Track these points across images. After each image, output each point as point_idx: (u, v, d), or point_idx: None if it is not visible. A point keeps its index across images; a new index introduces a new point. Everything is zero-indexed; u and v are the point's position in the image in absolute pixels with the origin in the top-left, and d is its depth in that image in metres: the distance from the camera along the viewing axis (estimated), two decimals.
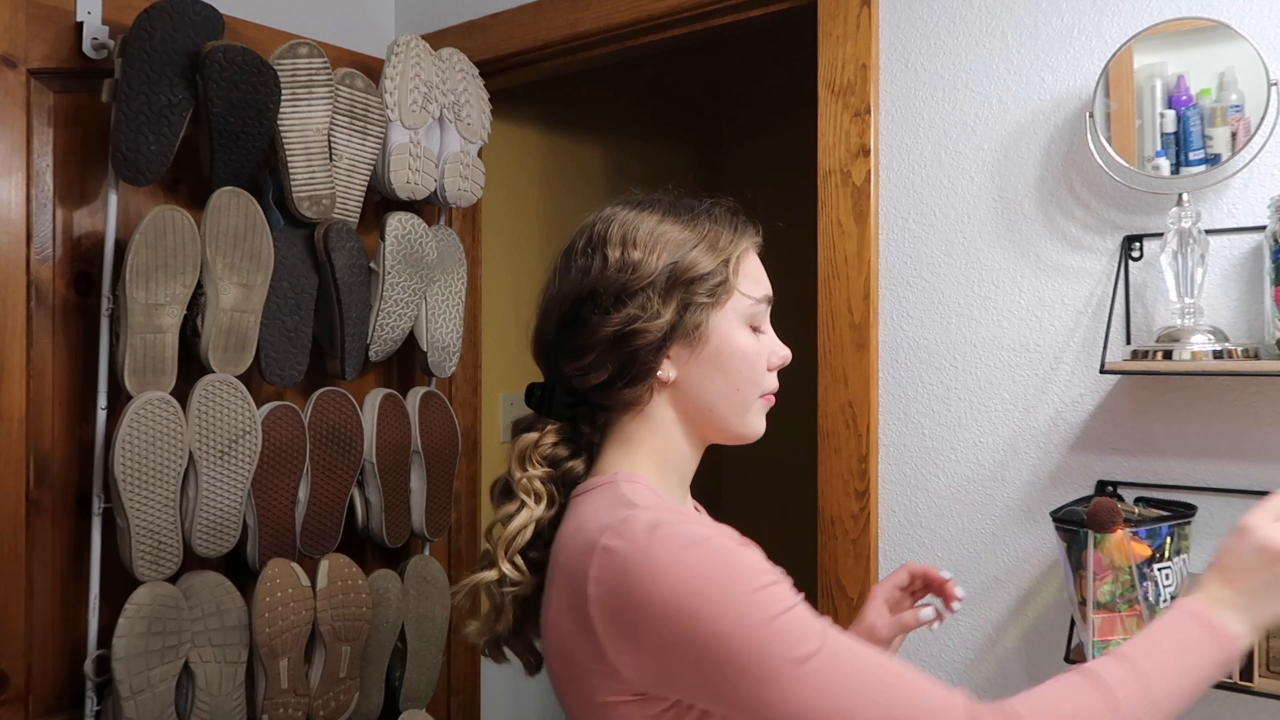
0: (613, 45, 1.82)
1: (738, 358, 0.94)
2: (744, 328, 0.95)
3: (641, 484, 0.92)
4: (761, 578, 0.80)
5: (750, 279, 0.96)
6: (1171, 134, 1.20)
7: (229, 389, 1.53)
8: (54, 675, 1.50)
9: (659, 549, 0.80)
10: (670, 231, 0.95)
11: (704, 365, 0.94)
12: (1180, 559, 1.17)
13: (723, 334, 0.94)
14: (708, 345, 0.93)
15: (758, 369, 0.95)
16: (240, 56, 1.46)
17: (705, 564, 0.80)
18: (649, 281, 0.92)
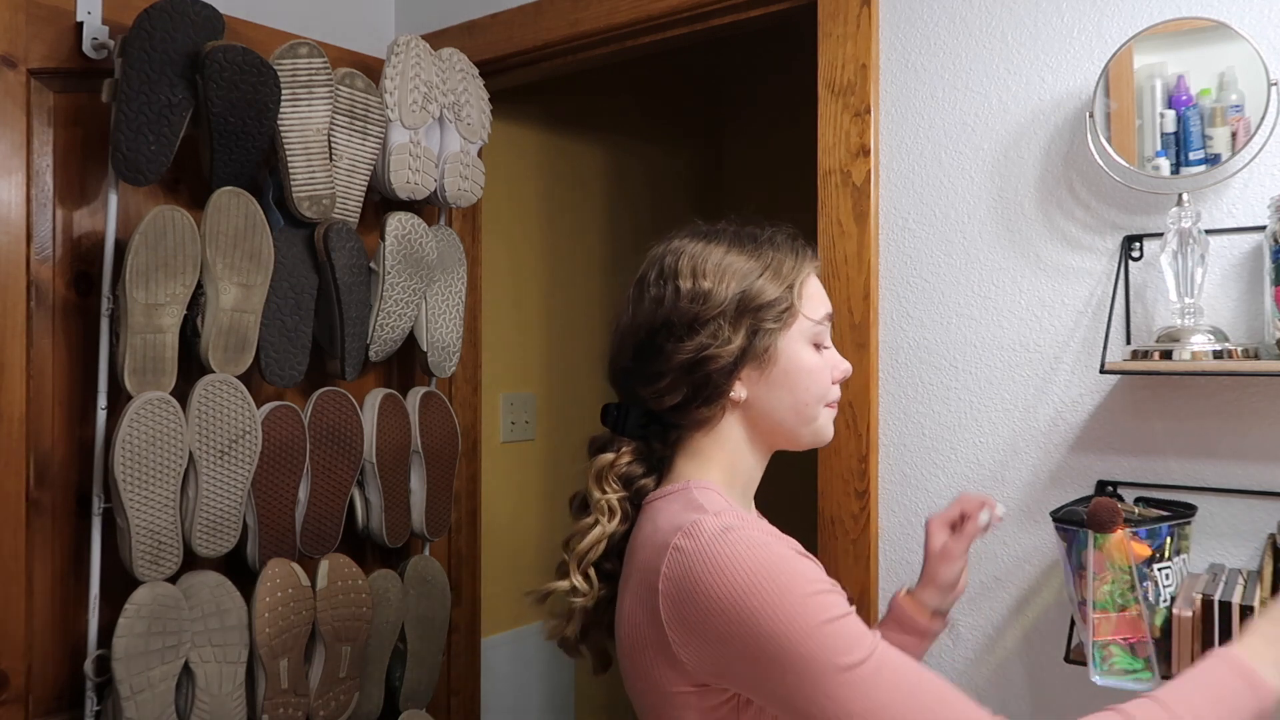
0: (613, 45, 1.82)
1: (804, 375, 1.01)
2: (808, 346, 1.02)
3: (712, 490, 0.99)
4: (817, 584, 0.87)
5: (812, 301, 1.03)
6: (1171, 134, 1.20)
7: (229, 389, 1.53)
8: (54, 675, 1.50)
9: (724, 549, 0.88)
10: (737, 262, 1.02)
11: (773, 384, 1.01)
12: (1180, 559, 1.17)
13: (790, 355, 1.01)
14: (776, 366, 1.01)
15: (823, 383, 1.02)
16: (240, 56, 1.46)
17: (766, 566, 0.86)
18: (720, 310, 0.99)
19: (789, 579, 0.86)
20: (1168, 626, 1.12)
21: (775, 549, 0.88)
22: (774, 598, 0.85)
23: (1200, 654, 1.09)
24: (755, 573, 0.86)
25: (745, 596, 0.85)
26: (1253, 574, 1.16)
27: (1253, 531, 1.20)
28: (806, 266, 1.04)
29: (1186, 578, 1.18)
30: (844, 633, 0.85)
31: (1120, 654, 1.13)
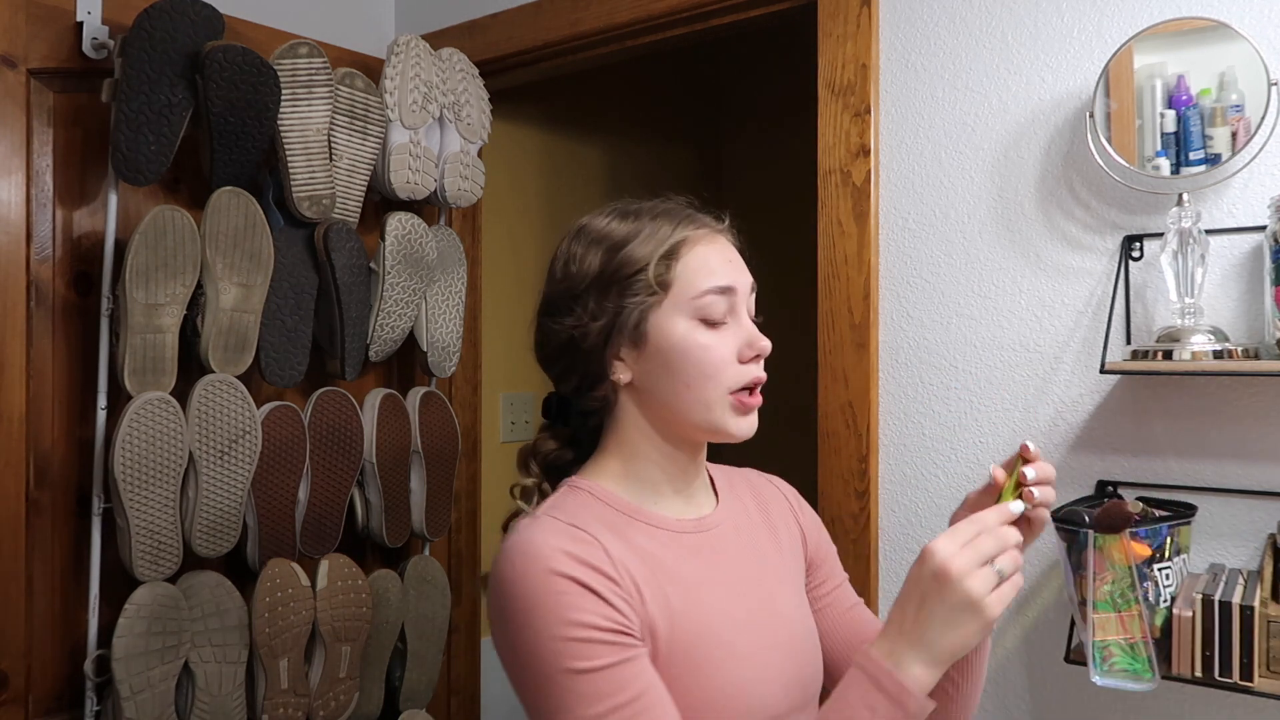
0: (613, 45, 1.82)
1: (679, 354, 0.91)
2: (691, 322, 0.91)
3: (583, 488, 0.94)
4: (573, 629, 0.81)
5: (699, 271, 0.92)
6: (1171, 134, 1.20)
7: (229, 389, 1.53)
8: (54, 675, 1.50)
9: (506, 563, 0.85)
10: (610, 231, 0.95)
11: (651, 364, 0.92)
12: (1180, 559, 1.17)
13: (663, 331, 0.91)
14: (649, 343, 0.92)
15: (712, 364, 0.91)
16: (240, 56, 1.46)
17: (527, 595, 0.83)
18: (586, 285, 0.93)
19: (544, 615, 0.81)
20: (1168, 626, 1.12)
21: (541, 581, 0.82)
22: (527, 630, 0.82)
23: (1201, 654, 1.09)
24: (515, 598, 0.83)
25: (508, 618, 0.84)
26: (1253, 574, 1.16)
27: (1253, 531, 1.20)
28: (689, 232, 0.93)
29: (1186, 578, 1.18)
30: (590, 685, 0.80)
31: (1120, 654, 1.13)
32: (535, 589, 0.82)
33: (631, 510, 0.94)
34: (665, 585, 0.90)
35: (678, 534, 0.95)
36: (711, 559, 0.95)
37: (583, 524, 0.88)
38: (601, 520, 0.91)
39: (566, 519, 0.88)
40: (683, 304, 0.91)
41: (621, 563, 0.87)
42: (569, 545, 0.85)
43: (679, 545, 0.94)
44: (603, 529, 0.89)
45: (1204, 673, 1.09)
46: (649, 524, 0.94)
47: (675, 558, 0.93)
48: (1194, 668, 1.09)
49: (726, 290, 0.92)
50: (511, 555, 0.85)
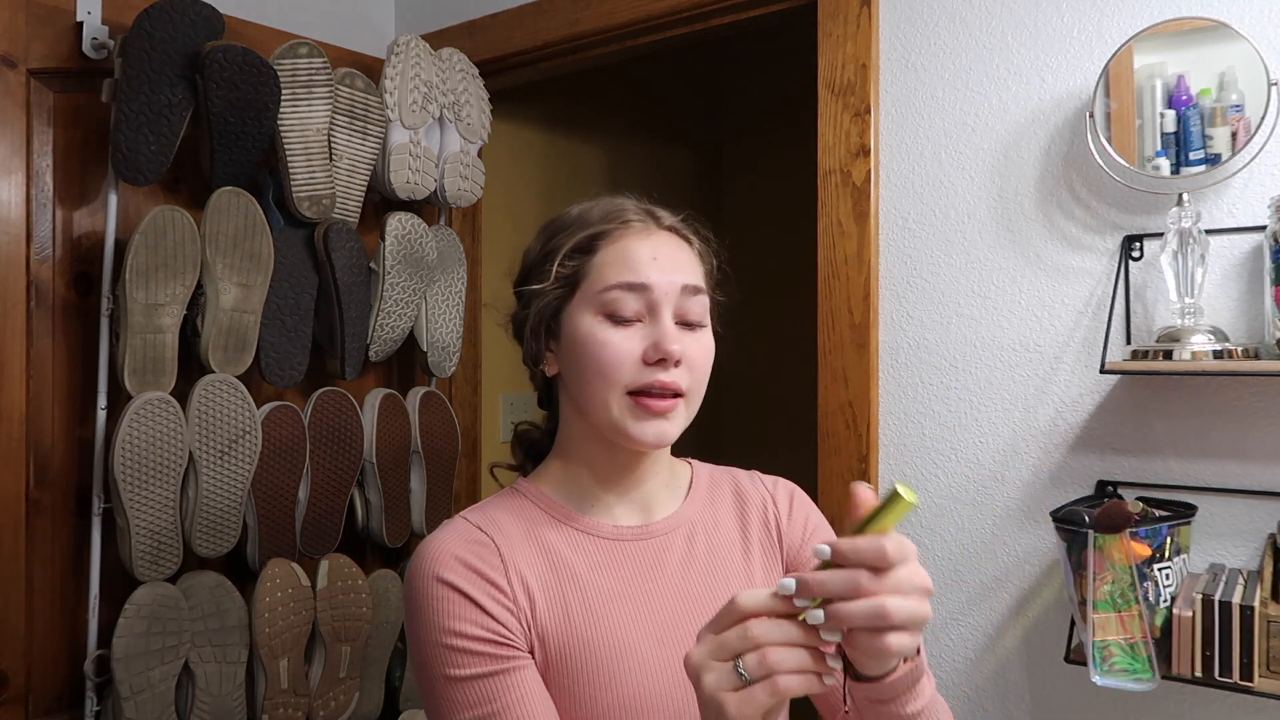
0: (613, 45, 1.82)
1: (581, 348, 0.87)
2: (596, 317, 0.87)
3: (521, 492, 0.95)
4: (449, 637, 0.83)
5: (613, 265, 0.88)
6: (1171, 134, 1.20)
7: (229, 389, 1.53)
8: (54, 675, 1.50)
9: (413, 562, 0.88)
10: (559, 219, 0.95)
11: (566, 358, 0.90)
12: (1180, 559, 1.17)
13: (573, 324, 0.89)
14: (563, 336, 0.90)
15: (608, 361, 0.86)
16: (240, 56, 1.46)
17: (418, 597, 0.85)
18: (529, 271, 0.94)
19: (426, 619, 0.84)
20: (1168, 626, 1.12)
21: (427, 586, 0.84)
22: (413, 631, 0.86)
23: (1201, 654, 1.09)
24: (408, 599, 0.86)
25: (406, 615, 0.87)
26: (1253, 574, 1.16)
27: (1253, 531, 1.20)
28: (617, 227, 0.89)
29: (1186, 578, 1.18)
30: (460, 693, 0.81)
31: (1120, 654, 1.13)
32: (421, 593, 0.85)
33: (562, 514, 0.92)
34: (569, 594, 0.88)
35: (606, 540, 0.92)
36: (641, 568, 0.92)
37: (489, 526, 0.89)
38: (522, 522, 0.91)
39: (476, 520, 0.90)
40: (591, 298, 0.88)
41: (516, 569, 0.87)
42: (462, 550, 0.86)
43: (602, 553, 0.91)
44: (514, 532, 0.89)
45: (1204, 673, 1.09)
46: (577, 529, 0.92)
47: (591, 566, 0.90)
48: (1194, 668, 1.09)
49: (637, 287, 0.87)
50: (415, 556, 0.88)
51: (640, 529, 0.94)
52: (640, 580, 0.91)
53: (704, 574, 0.94)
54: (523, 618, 0.86)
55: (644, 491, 0.96)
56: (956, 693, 1.41)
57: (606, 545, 0.92)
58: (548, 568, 0.89)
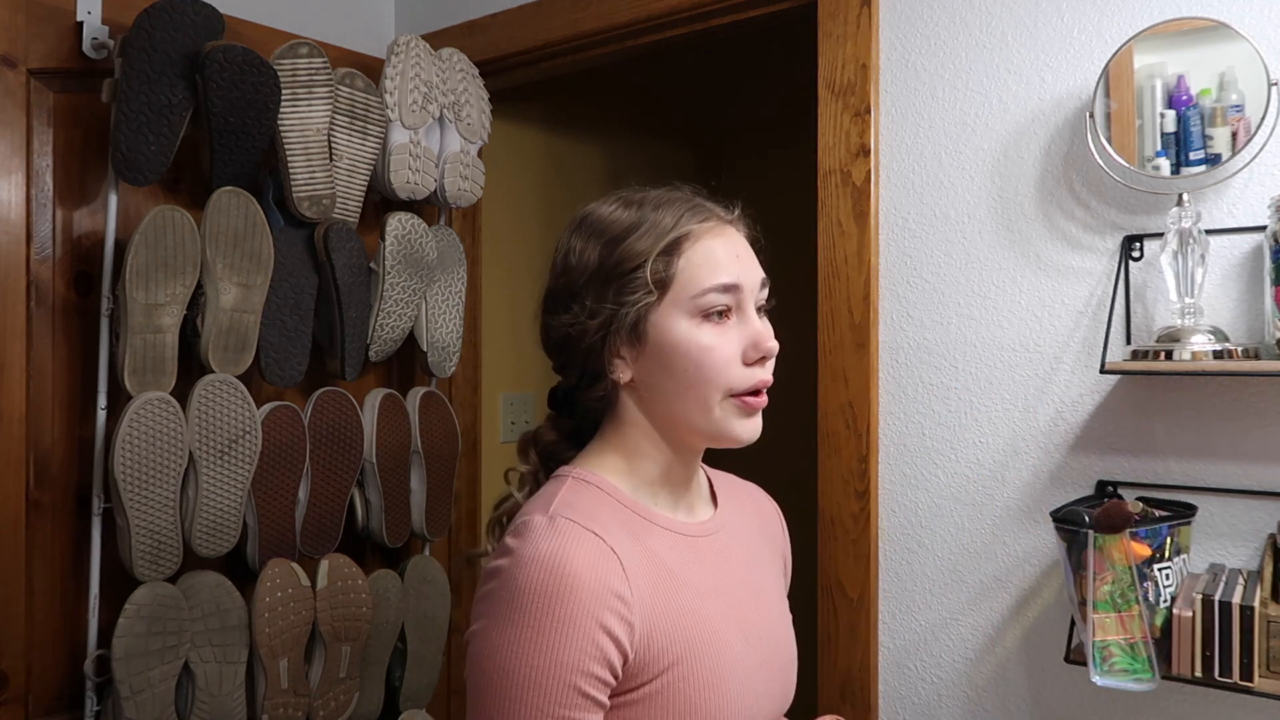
0: (613, 45, 1.81)
1: (680, 354, 0.87)
2: (691, 320, 0.87)
3: (592, 483, 0.90)
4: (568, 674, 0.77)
5: (702, 266, 0.87)
6: (1171, 134, 1.20)
7: (229, 389, 1.53)
8: (54, 675, 1.50)
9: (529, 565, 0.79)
10: (613, 220, 0.90)
11: (651, 364, 0.89)
12: (1180, 559, 1.17)
13: (662, 329, 0.87)
14: (649, 342, 0.88)
15: (714, 366, 0.86)
16: (240, 56, 1.46)
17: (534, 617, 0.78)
18: (584, 281, 0.90)
19: (544, 650, 0.77)
20: (1168, 626, 1.12)
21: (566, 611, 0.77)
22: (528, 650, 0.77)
23: (1201, 654, 1.09)
24: (532, 612, 0.78)
25: (510, 626, 0.78)
26: (1253, 574, 1.16)
27: (1253, 531, 1.20)
28: (695, 224, 0.89)
29: (1186, 578, 1.18)
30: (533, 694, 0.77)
31: (1120, 654, 1.13)
32: (557, 620, 0.78)
33: (641, 510, 0.90)
34: (675, 595, 0.86)
35: (687, 537, 0.92)
36: (718, 565, 0.93)
37: (601, 529, 0.83)
38: (616, 520, 0.87)
39: (584, 521, 0.83)
40: (683, 302, 0.87)
41: (636, 576, 0.83)
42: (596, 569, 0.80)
43: (688, 549, 0.91)
44: (619, 532, 0.85)
45: (1204, 673, 1.09)
46: (660, 526, 0.90)
47: (684, 562, 0.89)
48: (1194, 668, 1.09)
49: (731, 288, 0.88)
50: (533, 571, 0.79)
51: (703, 525, 0.95)
52: (719, 575, 0.92)
53: (753, 570, 0.98)
54: (640, 631, 0.82)
55: (690, 492, 0.96)
56: (956, 693, 1.41)
57: (688, 541, 0.92)
58: (651, 566, 0.86)
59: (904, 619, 1.46)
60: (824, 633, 1.51)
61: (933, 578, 1.43)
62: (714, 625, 0.87)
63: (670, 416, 0.90)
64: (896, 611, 1.46)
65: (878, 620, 1.48)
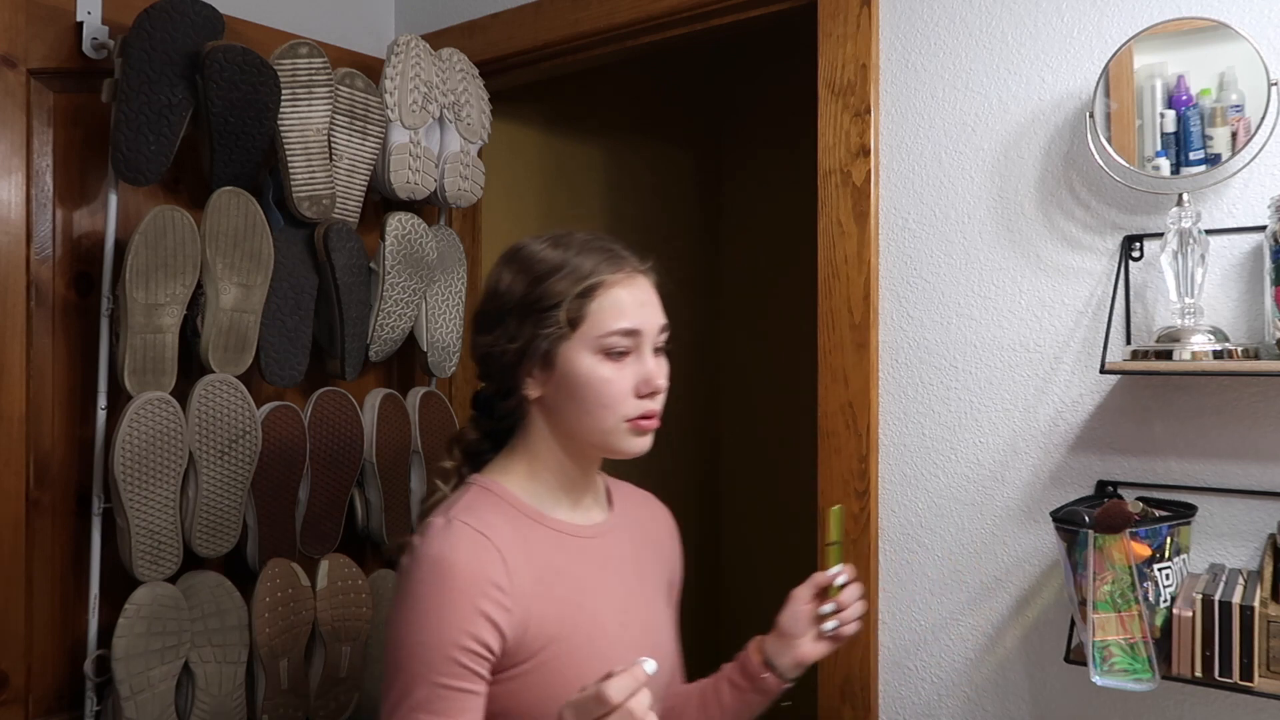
0: (613, 45, 1.81)
1: (582, 384, 1.01)
2: (595, 356, 1.01)
3: (493, 491, 1.05)
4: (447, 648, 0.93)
5: (610, 312, 1.01)
6: (1171, 134, 1.20)
7: (229, 389, 1.53)
8: (54, 675, 1.50)
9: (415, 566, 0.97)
10: (540, 259, 1.04)
11: (558, 388, 1.03)
12: (1180, 559, 1.17)
13: (570, 362, 1.01)
14: (556, 371, 1.02)
15: (611, 396, 1.01)
16: (240, 56, 1.46)
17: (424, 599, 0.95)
18: (509, 309, 1.04)
19: (434, 625, 0.93)
20: (1168, 626, 1.12)
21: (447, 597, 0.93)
22: (421, 632, 0.94)
23: (1201, 654, 1.09)
24: (421, 599, 0.94)
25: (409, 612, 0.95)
26: (1253, 574, 1.16)
27: (1253, 531, 1.20)
28: (607, 275, 1.02)
29: (1186, 578, 1.18)
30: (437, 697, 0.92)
31: (1120, 654, 1.13)
32: (440, 603, 0.94)
33: (534, 514, 1.05)
34: (557, 586, 1.01)
35: (573, 538, 1.07)
36: (602, 561, 1.08)
37: (490, 530, 0.98)
38: (508, 522, 1.02)
39: (475, 524, 0.98)
40: (590, 340, 1.01)
41: (516, 570, 0.98)
42: (475, 560, 0.96)
43: (573, 548, 1.06)
44: (507, 533, 1.00)
45: (1204, 673, 1.09)
46: (548, 527, 1.05)
47: (568, 559, 1.04)
48: (1194, 668, 1.09)
49: (631, 333, 1.02)
50: (427, 562, 0.96)
51: (593, 528, 1.10)
52: (602, 570, 1.07)
53: (635, 568, 1.13)
54: (518, 616, 0.97)
55: (586, 497, 1.11)
56: (956, 693, 1.41)
57: (572, 541, 1.07)
58: (534, 564, 1.01)
59: (904, 619, 1.46)
60: None
61: (933, 578, 1.43)
62: (591, 611, 1.03)
63: (571, 432, 1.05)
64: (896, 611, 1.46)
65: (878, 620, 1.48)
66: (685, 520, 1.29)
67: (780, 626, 1.13)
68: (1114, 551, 1.12)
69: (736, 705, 1.14)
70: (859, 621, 1.12)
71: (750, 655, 1.14)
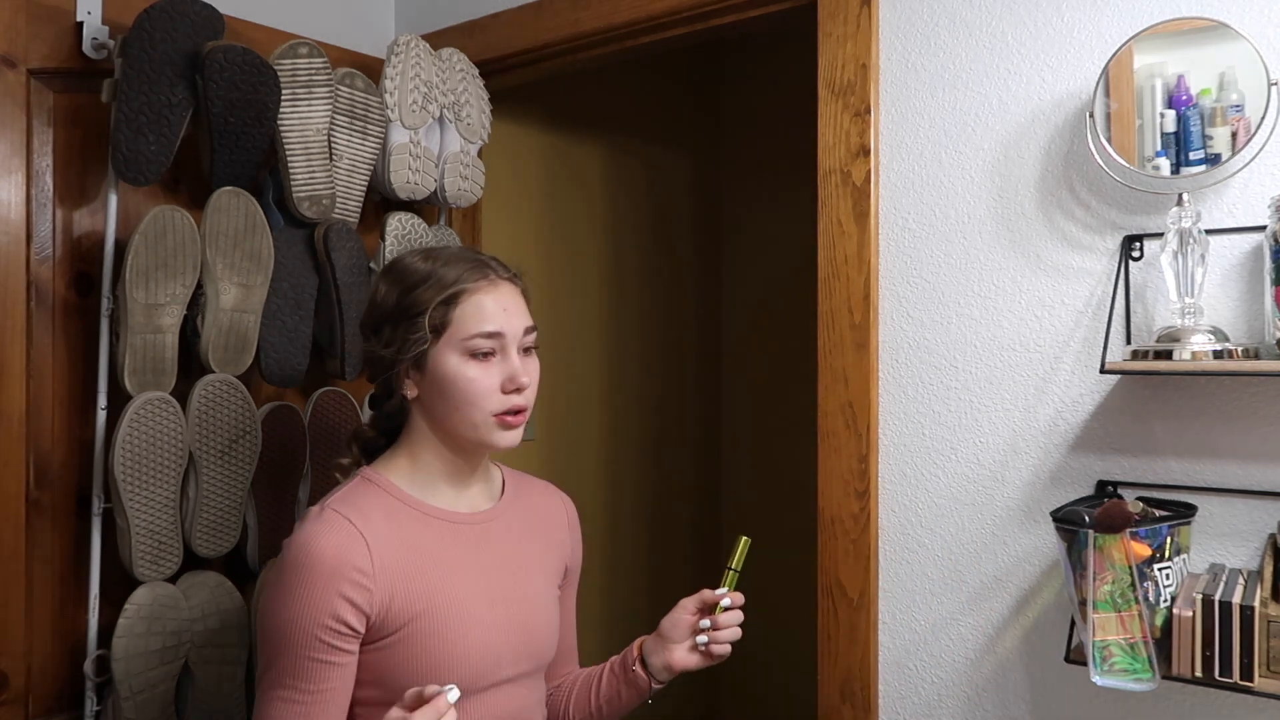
0: (613, 45, 1.81)
1: (450, 383, 1.11)
2: (462, 357, 1.10)
3: (375, 481, 1.15)
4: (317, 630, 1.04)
5: (472, 317, 1.11)
6: (1171, 134, 1.20)
7: (229, 389, 1.53)
8: (54, 675, 1.50)
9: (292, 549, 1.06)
10: (410, 271, 1.14)
11: (431, 388, 1.13)
12: (1180, 559, 1.17)
13: (439, 363, 1.11)
14: (429, 373, 1.12)
15: (477, 394, 1.11)
16: (240, 56, 1.46)
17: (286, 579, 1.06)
18: (386, 315, 1.14)
19: (300, 607, 1.03)
20: (1168, 626, 1.12)
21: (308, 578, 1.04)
22: (286, 612, 1.04)
23: (1201, 654, 1.09)
24: (287, 584, 1.05)
25: (279, 592, 1.06)
26: (1253, 574, 1.16)
27: (1253, 531, 1.20)
28: (470, 283, 1.11)
29: (1186, 578, 1.18)
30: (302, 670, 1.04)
31: (1120, 654, 1.13)
32: (299, 582, 1.04)
33: (411, 501, 1.15)
34: (425, 566, 1.11)
35: (448, 523, 1.16)
36: (476, 546, 1.17)
37: (356, 517, 1.08)
38: (381, 509, 1.11)
39: (345, 512, 1.08)
40: (456, 343, 1.11)
41: (380, 553, 1.08)
42: (337, 546, 1.05)
43: (446, 532, 1.15)
44: (378, 519, 1.10)
45: (1204, 673, 1.09)
46: (423, 513, 1.15)
47: (439, 543, 1.14)
48: (1194, 668, 1.09)
49: (494, 335, 1.11)
50: (292, 548, 1.06)
51: (472, 515, 1.19)
52: (475, 556, 1.17)
53: (520, 554, 1.22)
54: (379, 596, 1.07)
55: (471, 486, 1.20)
56: (956, 693, 1.41)
57: (450, 527, 1.16)
58: (404, 546, 1.11)
59: (904, 619, 1.46)
60: (824, 633, 1.51)
61: (933, 578, 1.43)
62: (456, 593, 1.12)
63: (446, 427, 1.14)
64: (896, 611, 1.46)
65: (878, 620, 1.48)
66: (685, 521, 1.29)
67: (661, 629, 1.23)
68: (1114, 551, 1.12)
69: (609, 693, 1.25)
70: (729, 646, 1.20)
71: (631, 649, 1.25)
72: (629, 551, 2.65)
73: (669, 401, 2.84)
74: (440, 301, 1.11)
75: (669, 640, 1.21)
